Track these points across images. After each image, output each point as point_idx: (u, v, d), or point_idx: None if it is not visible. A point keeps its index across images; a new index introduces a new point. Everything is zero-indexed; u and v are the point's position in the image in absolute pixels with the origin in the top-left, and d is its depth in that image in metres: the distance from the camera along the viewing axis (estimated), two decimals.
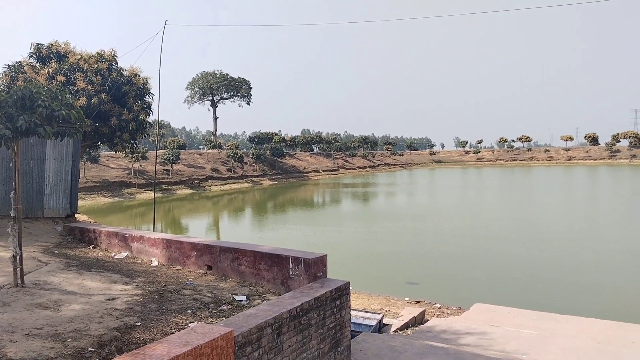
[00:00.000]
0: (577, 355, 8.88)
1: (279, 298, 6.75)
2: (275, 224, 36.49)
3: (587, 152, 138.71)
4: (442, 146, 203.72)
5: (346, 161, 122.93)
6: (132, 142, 18.41)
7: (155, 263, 9.75)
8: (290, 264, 7.79)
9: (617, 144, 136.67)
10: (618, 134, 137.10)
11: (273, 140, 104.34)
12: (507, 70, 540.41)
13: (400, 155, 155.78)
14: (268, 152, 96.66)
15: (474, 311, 12.24)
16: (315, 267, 7.63)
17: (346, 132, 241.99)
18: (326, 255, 7.86)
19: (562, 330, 10.79)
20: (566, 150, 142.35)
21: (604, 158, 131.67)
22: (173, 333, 5.48)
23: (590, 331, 10.74)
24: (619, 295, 15.85)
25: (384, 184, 78.74)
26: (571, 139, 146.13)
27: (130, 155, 49.98)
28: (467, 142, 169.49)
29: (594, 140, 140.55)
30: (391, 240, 26.53)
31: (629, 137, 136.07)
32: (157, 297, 7.28)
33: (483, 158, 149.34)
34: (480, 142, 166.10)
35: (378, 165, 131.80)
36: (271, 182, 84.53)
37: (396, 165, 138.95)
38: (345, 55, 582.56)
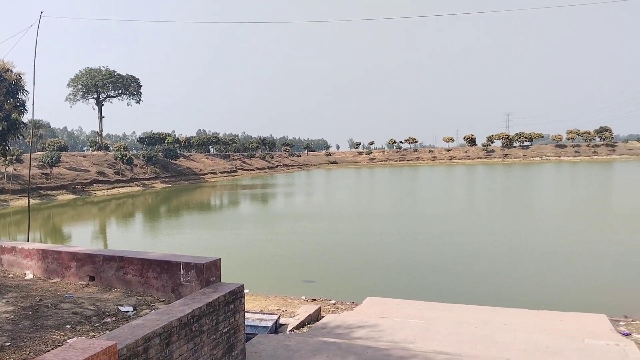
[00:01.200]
0: (456, 340, 9.65)
1: (169, 306, 6.51)
2: (170, 229, 35.10)
3: (466, 152, 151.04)
4: (338, 147, 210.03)
5: (244, 162, 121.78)
6: (4, 143, 16.64)
7: (29, 276, 8.90)
8: (182, 270, 7.54)
9: (492, 145, 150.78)
10: (492, 135, 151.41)
11: (166, 141, 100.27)
12: (396, 76, 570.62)
13: (298, 156, 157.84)
14: (160, 153, 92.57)
15: (366, 305, 12.78)
16: (208, 271, 7.47)
17: (244, 132, 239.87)
18: (219, 259, 7.73)
19: (445, 317, 11.65)
20: (448, 151, 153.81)
21: (480, 157, 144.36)
22: (49, 351, 5.05)
23: (469, 317, 11.72)
24: (494, 283, 17.48)
25: (283, 184, 79.24)
26: (452, 140, 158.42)
27: (2, 159, 45.11)
28: (360, 144, 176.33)
29: (472, 141, 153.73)
30: (290, 241, 26.78)
31: (502, 138, 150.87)
32: (30, 313, 6.66)
33: (375, 158, 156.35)
34: (372, 143, 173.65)
35: (277, 166, 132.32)
36: (164, 185, 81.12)
37: (294, 166, 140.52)
38: (242, 56, 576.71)
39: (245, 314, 10.70)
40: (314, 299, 14.81)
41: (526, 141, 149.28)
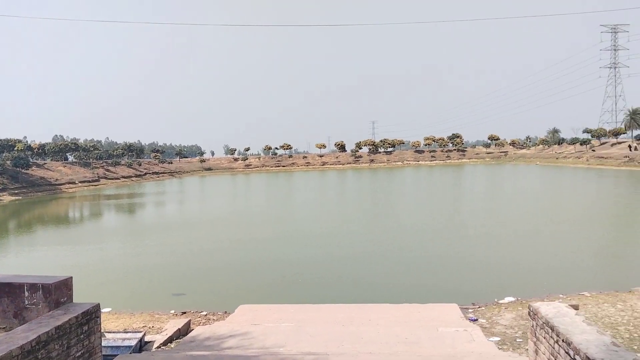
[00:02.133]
0: (325, 339, 9.99)
1: (9, 334, 5.82)
2: (19, 246, 31.35)
3: (337, 157, 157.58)
4: (213, 153, 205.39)
5: (108, 170, 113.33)
6: None
7: None
8: (26, 292, 6.80)
9: (360, 151, 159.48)
10: (360, 141, 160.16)
11: (16, 148, 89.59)
12: (269, 84, 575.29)
13: (169, 163, 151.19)
14: (9, 162, 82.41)
15: (238, 313, 12.67)
16: (58, 292, 6.83)
17: (108, 138, 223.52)
18: (71, 277, 7.12)
19: (315, 318, 12.00)
20: (320, 157, 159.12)
21: (350, 163, 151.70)
22: None
23: (337, 316, 12.21)
24: (362, 281, 18.43)
25: (153, 193, 75.25)
26: (324, 146, 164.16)
27: None
28: (235, 150, 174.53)
29: (342, 147, 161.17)
30: (159, 253, 25.51)
31: (369, 144, 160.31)
32: None
33: (251, 165, 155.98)
34: (247, 149, 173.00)
35: (145, 174, 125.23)
36: (13, 198, 72.34)
37: (165, 173, 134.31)
38: (104, 55, 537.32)
39: (106, 334, 9.99)
40: (184, 312, 14.29)
41: (390, 147, 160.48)
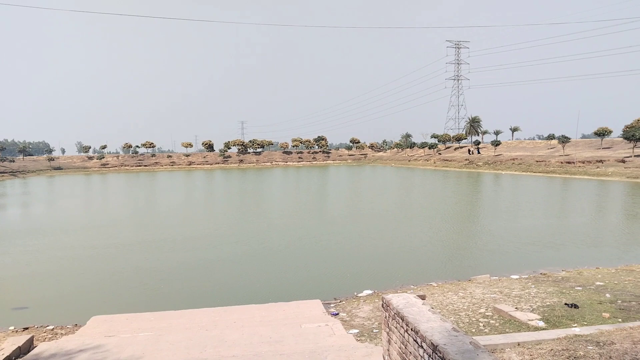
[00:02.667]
0: (186, 345, 9.65)
1: None
2: None
3: (204, 157, 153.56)
4: (63, 151, 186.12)
5: None
6: None
7: None
8: None
9: (229, 150, 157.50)
10: (229, 141, 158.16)
11: None
12: (134, 81, 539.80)
13: (11, 161, 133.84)
14: None
15: (91, 325, 11.67)
16: None
17: None
18: None
19: (177, 325, 11.52)
20: (187, 156, 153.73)
21: (218, 163, 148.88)
22: None
23: (200, 320, 11.87)
24: (229, 284, 18.16)
25: None
26: (191, 145, 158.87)
27: None
28: (90, 147, 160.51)
29: (210, 147, 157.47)
30: None
31: (237, 144, 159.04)
32: None
33: (108, 164, 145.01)
34: (104, 147, 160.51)
35: None
36: None
37: (5, 173, 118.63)
38: None
39: None
40: (26, 328, 12.76)
41: (259, 148, 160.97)
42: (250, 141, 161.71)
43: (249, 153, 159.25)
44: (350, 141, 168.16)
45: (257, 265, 20.71)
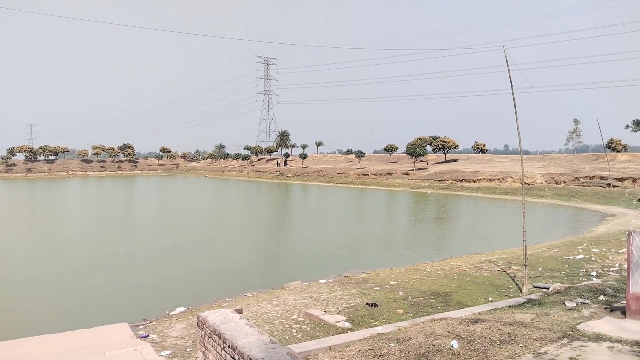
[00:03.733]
0: None
1: None
2: None
3: None
4: None
5: None
6: None
7: None
8: None
9: (13, 158, 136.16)
10: (14, 147, 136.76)
11: None
12: None
13: None
14: None
15: None
16: None
17: None
18: None
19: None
20: None
21: (1, 172, 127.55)
22: None
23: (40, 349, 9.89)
24: (19, 311, 15.52)
25: None
26: None
27: None
28: None
29: None
30: None
31: (25, 151, 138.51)
32: None
33: None
34: None
35: None
36: None
37: None
38: None
39: None
40: None
41: (51, 155, 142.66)
42: (40, 147, 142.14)
43: (40, 161, 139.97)
44: (161, 150, 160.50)
45: (52, 288, 18.17)
